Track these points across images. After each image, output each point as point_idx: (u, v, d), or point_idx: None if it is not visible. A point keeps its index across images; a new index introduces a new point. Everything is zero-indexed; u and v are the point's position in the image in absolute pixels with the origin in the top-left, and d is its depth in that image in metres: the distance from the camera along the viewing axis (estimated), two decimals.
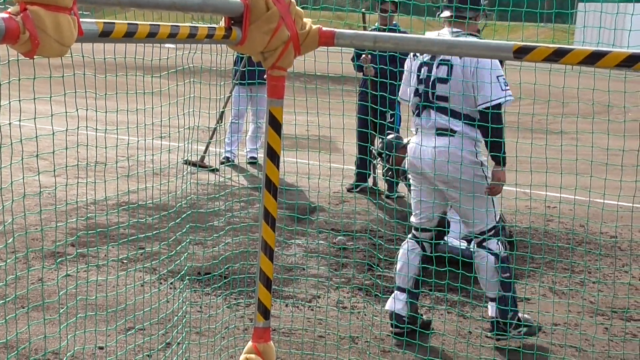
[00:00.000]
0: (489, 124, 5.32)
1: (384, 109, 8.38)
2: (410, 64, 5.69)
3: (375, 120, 8.60)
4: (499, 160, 5.40)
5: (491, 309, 5.52)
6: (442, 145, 5.38)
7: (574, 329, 5.72)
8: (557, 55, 2.59)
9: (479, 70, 5.35)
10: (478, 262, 5.52)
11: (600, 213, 6.01)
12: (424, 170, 5.50)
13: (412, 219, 5.73)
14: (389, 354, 5.22)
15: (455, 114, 5.44)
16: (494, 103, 5.32)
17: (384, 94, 7.52)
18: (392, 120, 8.88)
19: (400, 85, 5.88)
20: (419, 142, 5.51)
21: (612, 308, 6.11)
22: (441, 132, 5.44)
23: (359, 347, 5.32)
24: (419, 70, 5.57)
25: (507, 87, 5.39)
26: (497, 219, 5.58)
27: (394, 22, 9.23)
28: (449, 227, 5.98)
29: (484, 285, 5.54)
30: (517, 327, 5.48)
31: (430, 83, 5.49)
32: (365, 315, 5.81)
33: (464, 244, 6.94)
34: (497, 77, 5.36)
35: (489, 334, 5.58)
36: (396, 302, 5.60)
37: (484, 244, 5.49)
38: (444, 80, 5.43)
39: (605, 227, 7.36)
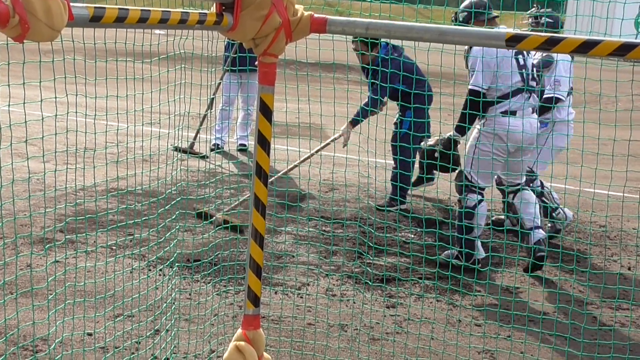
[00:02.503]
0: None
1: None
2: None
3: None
4: None
5: (544, 230, 6.79)
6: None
7: (563, 318, 5.74)
8: (549, 44, 2.58)
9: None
10: (528, 198, 6.71)
11: (591, 202, 6.02)
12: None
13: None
14: (378, 342, 5.23)
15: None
16: None
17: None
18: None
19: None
20: (521, 124, 6.25)
21: (602, 297, 6.13)
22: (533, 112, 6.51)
23: (348, 334, 5.32)
24: (516, 55, 6.26)
25: None
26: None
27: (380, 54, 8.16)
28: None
29: (534, 216, 6.69)
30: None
31: (530, 67, 6.42)
32: (354, 303, 5.81)
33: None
34: None
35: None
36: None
37: (531, 185, 7.00)
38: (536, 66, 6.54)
39: (595, 217, 7.37)
